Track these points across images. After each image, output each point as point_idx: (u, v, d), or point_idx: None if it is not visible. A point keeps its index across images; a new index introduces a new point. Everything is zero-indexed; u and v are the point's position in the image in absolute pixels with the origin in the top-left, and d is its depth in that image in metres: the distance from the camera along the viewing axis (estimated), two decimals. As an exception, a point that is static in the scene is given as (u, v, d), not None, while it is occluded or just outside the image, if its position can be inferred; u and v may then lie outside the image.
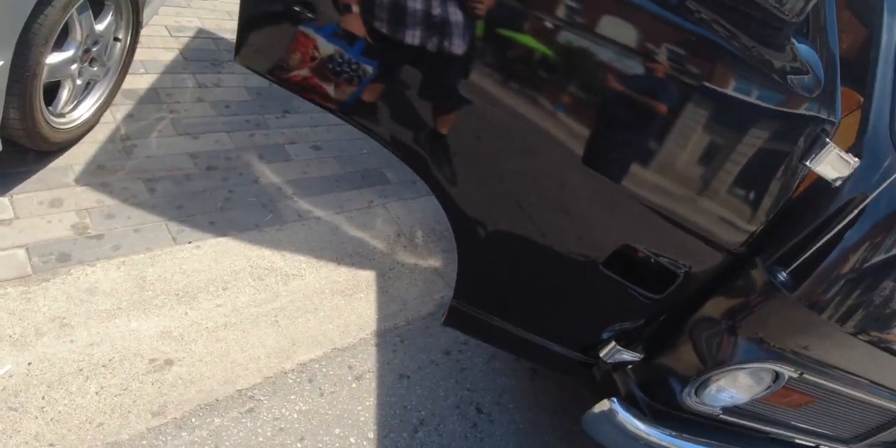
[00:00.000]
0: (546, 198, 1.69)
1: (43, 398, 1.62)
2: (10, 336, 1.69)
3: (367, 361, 2.04)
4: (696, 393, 1.63)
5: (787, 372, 1.59)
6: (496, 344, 2.01)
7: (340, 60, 1.80)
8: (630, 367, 1.74)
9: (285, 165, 2.61)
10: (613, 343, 1.72)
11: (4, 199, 1.98)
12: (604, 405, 1.67)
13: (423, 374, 2.08)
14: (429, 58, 1.70)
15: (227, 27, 3.25)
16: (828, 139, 1.35)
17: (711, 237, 1.49)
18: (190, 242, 2.15)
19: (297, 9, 1.76)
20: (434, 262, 2.50)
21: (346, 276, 2.29)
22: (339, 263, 2.32)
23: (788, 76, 1.40)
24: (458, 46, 1.61)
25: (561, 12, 1.45)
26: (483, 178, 1.77)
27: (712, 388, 1.63)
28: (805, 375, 1.61)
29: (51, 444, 1.55)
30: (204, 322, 1.95)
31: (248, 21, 1.89)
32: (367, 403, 1.92)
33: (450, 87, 1.72)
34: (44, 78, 1.97)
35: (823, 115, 1.37)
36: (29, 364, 1.66)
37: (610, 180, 1.50)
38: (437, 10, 1.57)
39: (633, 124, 1.49)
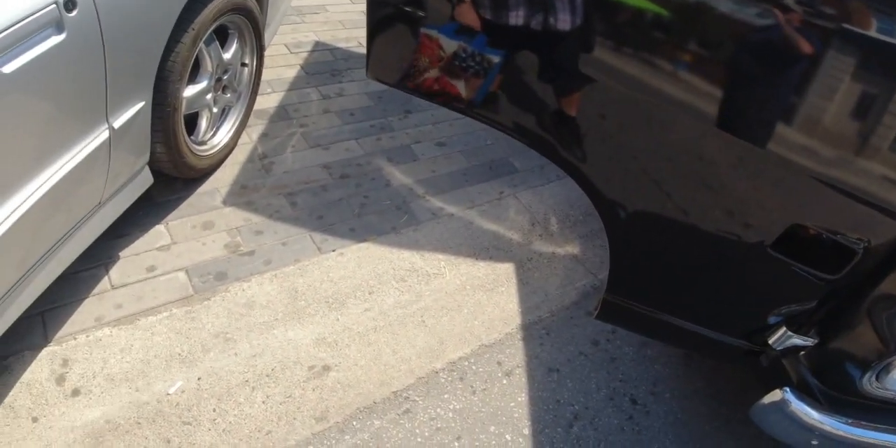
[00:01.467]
0: (684, 173, 1.57)
1: (214, 410, 1.74)
2: (179, 354, 1.83)
3: (516, 356, 2.02)
4: (877, 378, 1.46)
5: None
6: (652, 336, 1.91)
7: (465, 55, 1.78)
8: (802, 353, 1.58)
9: (414, 165, 2.64)
10: (784, 329, 1.57)
11: (161, 227, 2.16)
12: (775, 395, 1.53)
13: (572, 367, 2.02)
14: (541, 38, 1.63)
15: (341, 37, 3.34)
16: None
17: (888, 206, 1.31)
18: (334, 250, 2.23)
19: (408, 9, 1.76)
20: (572, 249, 2.42)
21: (485, 270, 2.28)
22: (476, 258, 2.31)
23: None
24: (564, 22, 1.53)
25: None
26: (615, 158, 1.68)
27: None
28: None
29: (227, 454, 1.66)
30: (355, 327, 2.01)
31: (374, 34, 1.92)
32: (520, 399, 1.90)
33: (566, 66, 1.65)
34: (183, 111, 2.11)
35: None
36: (199, 379, 1.79)
37: (752, 145, 1.36)
38: None
39: (768, 80, 1.34)
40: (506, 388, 1.93)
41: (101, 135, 1.71)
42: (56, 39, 1.46)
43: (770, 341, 1.59)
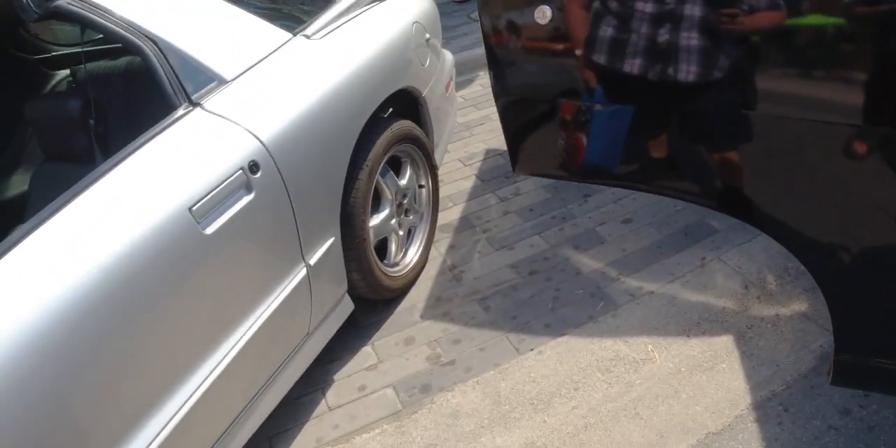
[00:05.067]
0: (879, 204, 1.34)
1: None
2: (395, 471, 1.85)
3: (751, 442, 1.72)
4: None
5: None
6: None
7: (584, 110, 1.74)
8: None
9: (602, 248, 2.54)
10: None
11: (368, 348, 2.28)
12: None
13: (822, 445, 1.66)
14: (685, 95, 1.54)
15: (515, 139, 3.45)
16: None
17: None
18: (532, 350, 2.16)
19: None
20: (798, 307, 2.09)
21: (699, 348, 2.04)
22: (688, 336, 2.09)
23: None
24: (714, 73, 1.45)
25: None
26: (807, 204, 1.48)
27: None
28: None
29: None
30: (563, 427, 1.89)
31: (513, 131, 1.98)
32: (766, 494, 1.60)
33: (726, 116, 1.53)
34: (372, 239, 2.28)
35: None
36: (414, 496, 1.78)
37: None
38: (677, 38, 1.44)
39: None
40: (746, 481, 1.64)
41: (300, 272, 1.91)
42: (247, 199, 1.69)
43: None
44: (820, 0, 1.28)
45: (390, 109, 2.53)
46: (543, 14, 1.62)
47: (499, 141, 3.42)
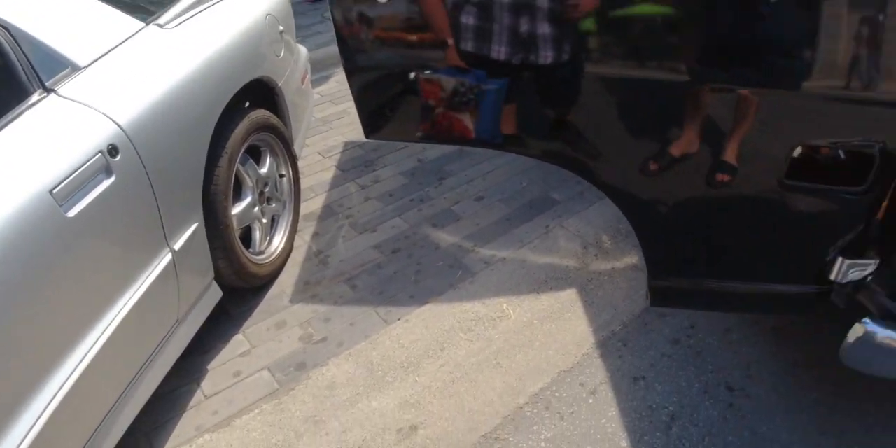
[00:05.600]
0: (674, 141, 1.57)
1: (318, 488, 1.77)
2: (276, 444, 1.91)
3: (597, 374, 1.96)
4: None
5: None
6: (718, 307, 1.83)
7: (464, 91, 1.87)
8: (871, 279, 1.47)
9: (457, 224, 2.73)
10: (840, 259, 1.48)
11: (240, 336, 2.31)
12: (857, 331, 1.42)
13: (657, 370, 1.94)
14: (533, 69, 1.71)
15: (371, 133, 3.58)
16: None
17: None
18: (399, 319, 2.29)
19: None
20: (630, 260, 2.38)
21: (548, 302, 2.27)
22: (538, 293, 2.31)
23: None
24: (560, 55, 1.61)
25: None
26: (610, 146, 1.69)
27: None
28: None
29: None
30: (433, 384, 2.03)
31: (364, 99, 2.05)
32: (610, 414, 1.83)
33: (569, 84, 1.71)
34: (236, 226, 2.31)
35: None
36: (297, 462, 1.85)
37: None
38: (535, 28, 1.59)
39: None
40: (593, 406, 1.86)
41: (165, 257, 1.91)
42: (108, 181, 1.69)
43: (833, 277, 1.49)
44: None
45: (248, 103, 2.57)
46: None
47: (357, 133, 3.54)
